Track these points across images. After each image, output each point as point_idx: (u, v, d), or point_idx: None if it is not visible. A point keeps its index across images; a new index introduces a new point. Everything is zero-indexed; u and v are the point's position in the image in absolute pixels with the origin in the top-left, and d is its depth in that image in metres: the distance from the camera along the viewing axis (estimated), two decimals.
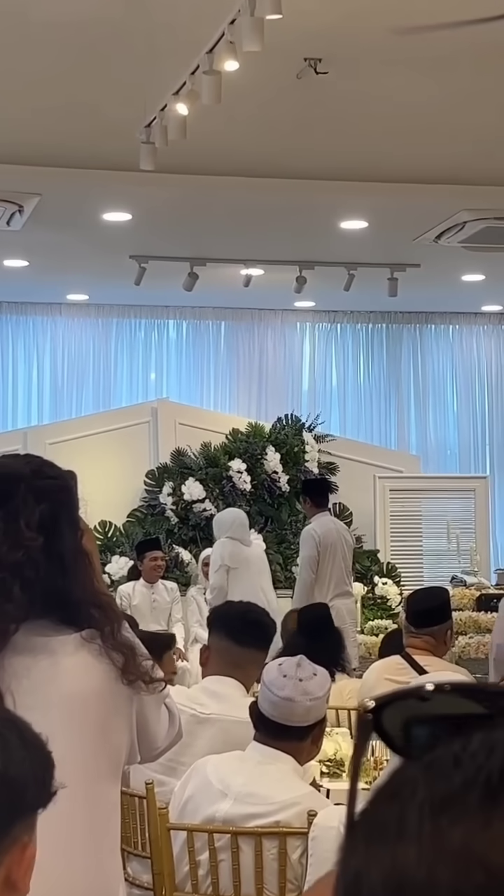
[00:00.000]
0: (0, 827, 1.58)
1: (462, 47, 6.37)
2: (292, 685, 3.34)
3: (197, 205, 8.97)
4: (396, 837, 0.61)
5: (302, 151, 8.00)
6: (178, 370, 13.40)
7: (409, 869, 0.59)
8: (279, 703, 3.34)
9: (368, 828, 0.63)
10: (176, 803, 3.52)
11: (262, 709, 3.38)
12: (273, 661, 3.52)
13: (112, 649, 2.38)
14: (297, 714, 3.34)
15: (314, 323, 13.61)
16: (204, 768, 3.46)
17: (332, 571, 9.48)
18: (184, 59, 6.14)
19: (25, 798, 1.60)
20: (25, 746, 1.62)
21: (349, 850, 0.63)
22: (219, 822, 3.37)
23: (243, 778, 3.36)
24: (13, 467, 2.45)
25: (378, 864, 0.61)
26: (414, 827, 0.60)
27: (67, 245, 10.06)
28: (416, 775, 0.63)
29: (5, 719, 1.66)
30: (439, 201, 8.77)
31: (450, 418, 13.92)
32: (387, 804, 0.63)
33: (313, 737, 3.42)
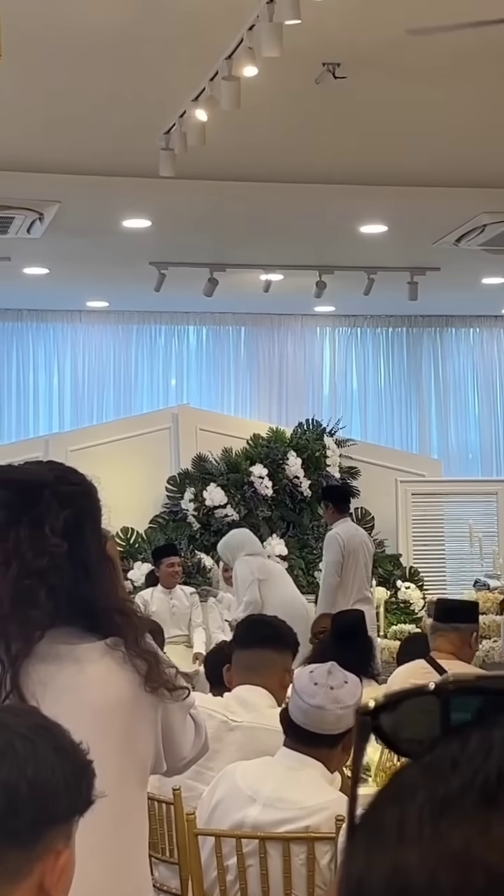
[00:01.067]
0: (30, 834, 1.58)
1: (480, 50, 6.36)
2: (323, 693, 3.33)
3: (216, 210, 8.98)
4: (397, 841, 0.61)
5: (321, 156, 8.00)
6: (199, 376, 13.41)
7: (411, 873, 0.59)
8: (309, 710, 3.33)
9: (369, 832, 0.63)
10: (204, 809, 3.52)
11: (293, 716, 3.37)
12: (304, 668, 3.51)
13: (136, 656, 2.38)
14: (327, 722, 3.33)
15: (334, 327, 13.60)
16: (233, 774, 3.46)
17: (355, 577, 9.49)
18: (203, 65, 6.15)
19: (56, 805, 1.60)
20: (57, 753, 1.62)
21: (351, 855, 0.64)
22: (248, 827, 3.36)
23: (272, 783, 3.36)
24: (37, 474, 2.45)
25: (379, 868, 0.61)
26: (414, 830, 0.60)
27: (87, 252, 10.09)
28: (416, 778, 0.63)
29: (38, 726, 1.66)
30: (459, 204, 8.75)
31: (471, 421, 13.89)
32: (387, 807, 0.63)
33: (343, 744, 3.40)
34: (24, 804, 1.58)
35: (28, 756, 1.60)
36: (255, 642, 4.23)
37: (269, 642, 4.24)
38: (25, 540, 2.35)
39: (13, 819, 1.58)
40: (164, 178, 7.17)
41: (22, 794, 1.58)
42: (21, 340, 12.94)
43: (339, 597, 9.34)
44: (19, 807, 1.58)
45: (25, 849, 1.58)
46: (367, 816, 0.65)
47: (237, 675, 4.22)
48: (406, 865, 0.60)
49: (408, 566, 11.64)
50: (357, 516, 11.80)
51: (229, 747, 3.86)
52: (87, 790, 1.65)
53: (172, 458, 11.68)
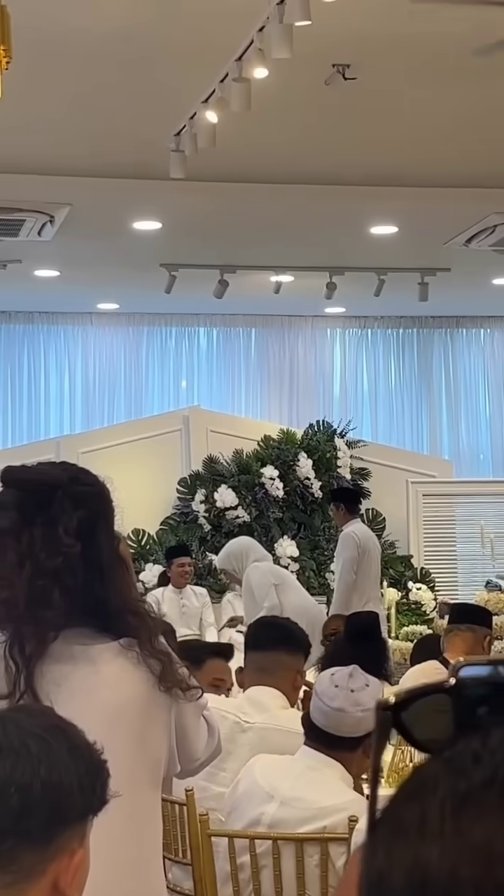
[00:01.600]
0: (44, 834, 1.59)
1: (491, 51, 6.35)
2: (343, 696, 3.33)
3: (227, 212, 8.99)
4: (418, 836, 0.61)
5: (331, 157, 8.00)
6: (209, 378, 13.41)
7: (432, 868, 0.59)
8: (330, 713, 3.33)
9: (390, 827, 0.63)
10: (228, 803, 3.52)
11: (314, 718, 3.37)
12: (326, 671, 3.50)
13: (149, 657, 2.38)
14: (347, 725, 3.33)
15: (345, 329, 13.60)
16: (253, 769, 3.46)
17: (369, 577, 9.49)
18: (213, 66, 6.15)
19: (70, 805, 1.61)
20: (71, 753, 1.63)
21: (372, 850, 0.64)
22: (264, 824, 3.36)
23: (291, 782, 3.36)
24: (51, 474, 2.45)
25: (400, 863, 0.61)
26: (435, 825, 0.60)
27: (98, 254, 10.10)
28: (437, 773, 0.63)
29: (52, 726, 1.66)
30: (469, 205, 8.75)
31: (482, 422, 13.87)
32: (408, 802, 0.63)
33: (364, 747, 3.39)
34: (38, 804, 1.58)
35: (42, 756, 1.60)
36: (268, 644, 4.23)
37: (282, 644, 4.24)
38: (39, 540, 2.35)
39: (27, 819, 1.58)
40: (174, 179, 7.18)
41: (36, 794, 1.58)
42: (32, 343, 12.96)
43: (353, 597, 9.35)
44: (33, 807, 1.59)
45: (40, 849, 1.58)
46: (388, 811, 0.65)
47: (249, 676, 4.22)
48: (427, 860, 0.60)
49: (419, 567, 11.62)
50: (368, 517, 11.79)
51: (242, 748, 3.86)
52: (101, 790, 1.65)
53: (183, 460, 11.68)
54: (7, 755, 1.60)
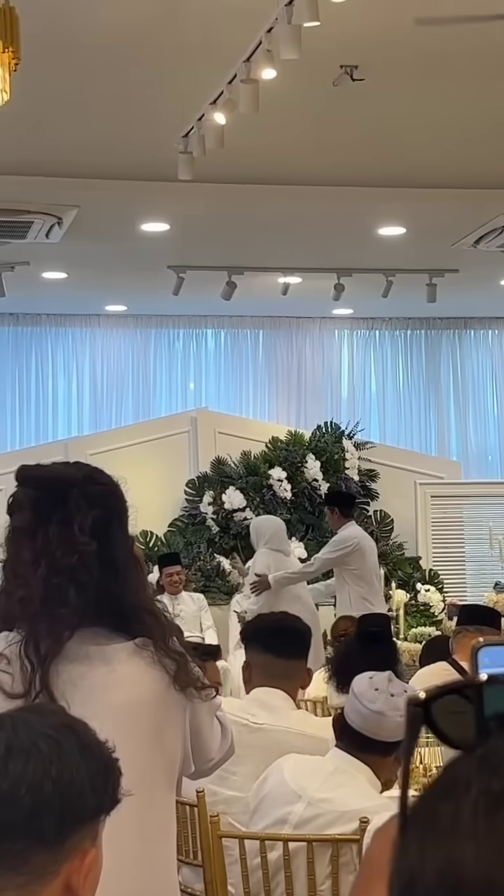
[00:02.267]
0: (56, 834, 1.58)
1: (499, 51, 6.35)
2: (384, 699, 3.32)
3: (234, 214, 8.99)
4: (451, 836, 0.60)
5: (339, 158, 8.00)
6: (217, 379, 13.41)
7: (465, 868, 0.59)
8: (369, 715, 3.31)
9: (422, 825, 0.62)
10: (254, 801, 3.51)
11: (350, 719, 3.36)
12: (363, 674, 3.46)
13: (165, 656, 2.38)
14: (385, 729, 3.31)
15: (352, 330, 13.59)
16: (281, 768, 3.45)
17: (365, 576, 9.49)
18: (221, 68, 6.15)
19: (82, 805, 1.60)
20: (82, 752, 1.62)
21: (403, 849, 0.63)
22: (290, 824, 3.35)
23: (319, 782, 3.35)
24: (66, 473, 2.45)
25: (433, 863, 0.60)
26: (468, 825, 0.60)
27: (106, 256, 10.10)
28: (470, 771, 0.62)
29: (63, 725, 1.65)
30: (477, 206, 8.74)
31: (490, 423, 13.85)
32: (440, 801, 0.62)
33: (397, 753, 3.38)
34: (50, 804, 1.58)
35: (53, 756, 1.59)
36: (292, 653, 4.22)
37: (302, 652, 4.24)
38: (54, 539, 2.35)
39: (39, 819, 1.58)
40: (182, 181, 7.17)
41: (47, 794, 1.58)
42: (40, 345, 12.96)
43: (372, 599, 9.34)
44: (45, 807, 1.58)
45: (52, 849, 1.58)
46: (420, 809, 0.64)
47: (260, 677, 4.19)
48: (460, 860, 0.59)
49: (427, 569, 11.61)
50: (376, 519, 11.79)
51: (252, 750, 3.84)
52: (112, 789, 1.64)
53: (191, 462, 11.68)
54: (18, 755, 1.59)
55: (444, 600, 11.05)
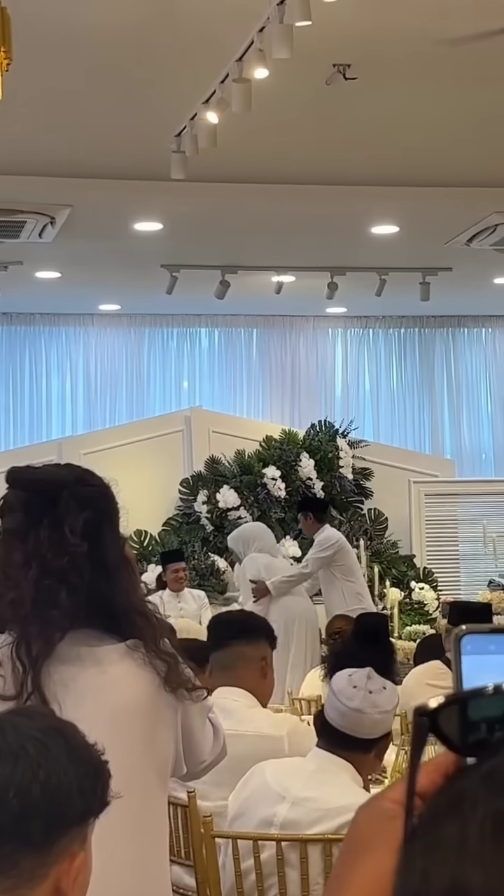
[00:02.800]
0: (44, 838, 1.58)
1: (491, 50, 6.35)
2: (362, 696, 3.32)
3: (228, 213, 8.98)
4: (457, 859, 0.59)
5: (332, 157, 8.00)
6: (211, 378, 13.40)
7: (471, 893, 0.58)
8: (348, 713, 3.32)
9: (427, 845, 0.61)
10: (234, 806, 3.51)
11: (329, 717, 3.36)
12: (342, 672, 3.47)
13: (155, 657, 2.38)
14: (364, 726, 3.32)
15: (346, 329, 13.59)
16: (263, 772, 3.45)
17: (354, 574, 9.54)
18: (213, 67, 6.15)
19: (70, 808, 1.60)
20: (69, 755, 1.62)
21: (407, 868, 0.62)
22: (276, 825, 3.35)
23: (302, 782, 3.35)
24: (56, 475, 2.46)
25: (437, 884, 0.59)
26: (475, 848, 0.59)
27: (99, 256, 10.10)
28: (476, 788, 0.61)
29: (51, 728, 1.65)
30: (470, 204, 8.74)
31: (484, 422, 13.86)
32: (446, 819, 0.61)
33: (378, 750, 3.39)
34: (38, 808, 1.57)
35: (40, 759, 1.59)
36: (225, 640, 4.16)
37: (239, 637, 4.14)
38: (45, 541, 2.35)
39: (27, 823, 1.58)
40: (175, 180, 7.17)
41: (35, 798, 1.57)
42: (34, 344, 12.95)
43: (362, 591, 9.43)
44: (33, 810, 1.58)
45: (40, 853, 1.58)
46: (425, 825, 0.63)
47: (215, 676, 4.14)
48: (466, 884, 0.58)
49: (421, 567, 11.62)
50: (370, 517, 11.79)
51: None
52: (101, 792, 1.64)
53: (185, 461, 11.67)
54: (5, 759, 1.59)
55: (438, 598, 11.06)
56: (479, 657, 0.76)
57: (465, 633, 0.76)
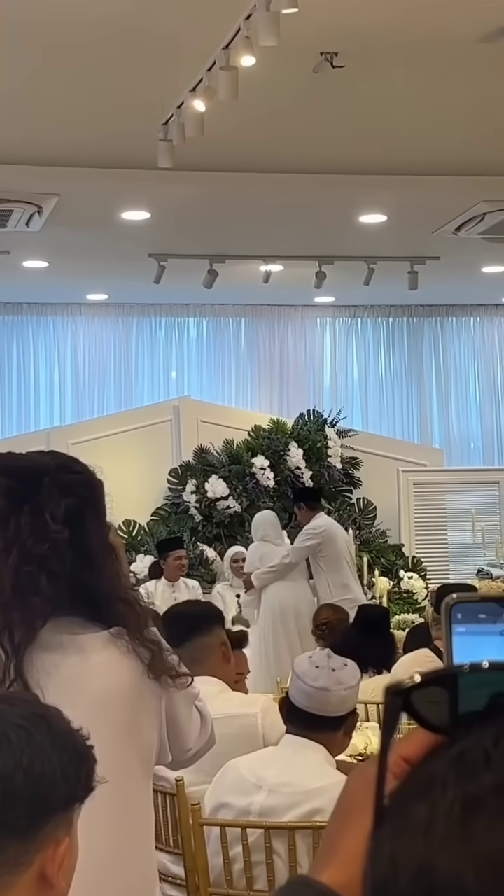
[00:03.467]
0: (28, 825, 1.57)
1: (478, 39, 6.34)
2: (326, 675, 3.36)
3: (215, 202, 8.96)
4: (425, 839, 0.59)
5: (319, 145, 7.98)
6: (199, 368, 13.39)
7: (438, 876, 0.58)
8: (314, 693, 3.35)
9: (396, 826, 0.61)
10: (211, 802, 3.52)
11: (295, 700, 3.39)
12: (303, 654, 3.54)
13: (139, 645, 2.37)
14: (331, 704, 3.36)
15: (334, 318, 13.58)
16: (236, 766, 3.48)
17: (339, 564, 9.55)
18: (200, 55, 6.13)
19: (54, 795, 1.59)
20: (53, 742, 1.61)
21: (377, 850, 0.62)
22: (254, 814, 3.38)
23: (276, 769, 3.38)
24: (38, 461, 2.45)
25: (406, 867, 0.59)
26: (442, 830, 0.59)
27: (86, 245, 10.07)
28: (446, 770, 0.61)
29: (34, 715, 1.65)
30: (458, 193, 8.73)
31: (472, 411, 13.87)
32: (415, 801, 0.61)
33: (346, 727, 3.44)
34: (21, 795, 1.57)
35: (23, 746, 1.59)
36: (180, 638, 4.17)
37: (191, 632, 4.14)
38: (26, 527, 2.35)
39: (10, 810, 1.57)
40: (162, 169, 7.15)
41: (18, 785, 1.57)
42: (21, 334, 12.92)
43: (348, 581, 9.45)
44: (16, 798, 1.57)
45: (24, 839, 1.57)
46: (395, 808, 0.63)
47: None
48: (433, 866, 0.58)
49: (410, 556, 11.63)
50: (358, 506, 11.80)
51: None
52: (86, 778, 1.63)
53: (174, 451, 11.67)
54: None
55: (427, 587, 11.07)
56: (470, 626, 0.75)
57: (456, 602, 0.76)
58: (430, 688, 0.67)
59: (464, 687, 0.66)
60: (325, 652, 3.49)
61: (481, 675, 0.66)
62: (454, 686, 0.66)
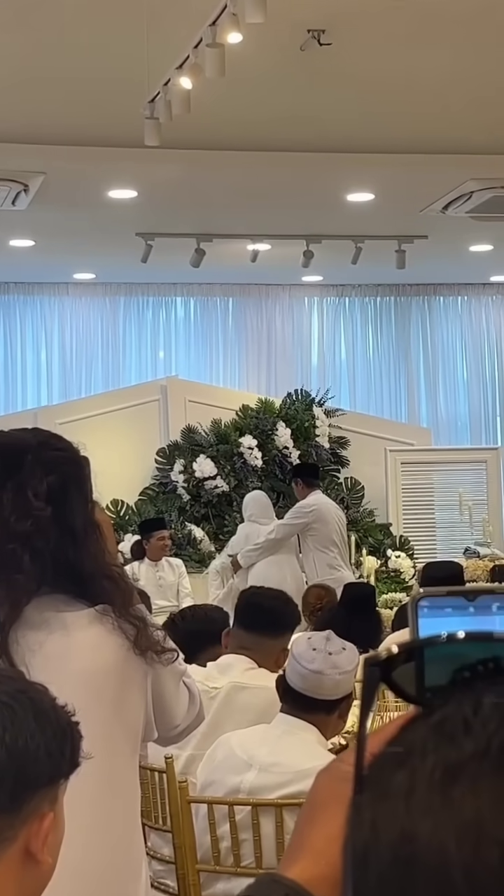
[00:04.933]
0: (11, 800, 1.58)
1: (466, 17, 6.32)
2: (322, 658, 3.35)
3: (202, 180, 8.93)
4: (406, 809, 0.59)
5: (307, 124, 7.96)
6: (187, 347, 13.37)
7: (419, 843, 0.58)
8: (308, 675, 3.35)
9: (376, 795, 0.61)
10: (202, 776, 3.53)
11: (291, 681, 3.39)
12: (302, 635, 3.53)
13: (124, 622, 2.37)
14: (325, 687, 3.35)
15: (322, 297, 13.57)
16: (228, 742, 3.48)
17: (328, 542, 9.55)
18: (186, 32, 6.10)
19: (38, 771, 1.60)
20: (37, 717, 1.61)
21: (357, 819, 0.61)
22: (244, 792, 3.38)
23: (268, 748, 3.38)
24: (20, 438, 2.44)
25: (387, 836, 0.59)
26: (423, 798, 0.59)
27: (73, 224, 10.04)
28: (426, 738, 0.61)
29: (18, 691, 1.65)
30: (446, 171, 8.71)
31: (460, 390, 13.89)
32: (395, 769, 0.61)
33: (340, 711, 3.43)
34: (4, 771, 1.57)
35: (6, 722, 1.59)
36: (252, 627, 4.24)
37: (266, 629, 4.24)
38: (8, 504, 2.34)
39: None
40: (149, 147, 7.12)
41: (1, 762, 1.57)
42: (8, 313, 12.88)
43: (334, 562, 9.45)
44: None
45: (7, 815, 1.58)
46: (374, 777, 0.62)
47: (232, 646, 4.24)
48: (414, 834, 0.58)
49: (398, 535, 11.66)
50: (346, 486, 11.81)
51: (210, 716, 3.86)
52: (71, 753, 1.64)
53: (161, 430, 11.66)
54: None
55: (414, 566, 11.10)
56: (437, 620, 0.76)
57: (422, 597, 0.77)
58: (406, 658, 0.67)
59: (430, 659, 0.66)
60: (324, 634, 3.46)
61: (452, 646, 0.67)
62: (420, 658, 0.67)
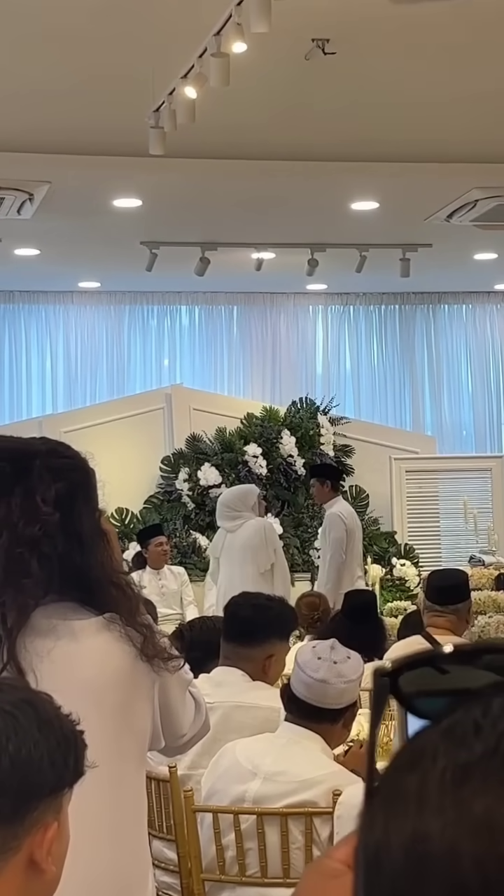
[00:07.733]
0: (14, 811, 1.57)
1: (470, 25, 6.33)
2: (326, 667, 3.34)
3: (207, 189, 8.95)
4: (417, 809, 0.59)
5: (311, 133, 7.97)
6: (192, 356, 13.38)
7: (431, 843, 0.58)
8: (313, 684, 3.34)
9: (388, 799, 0.61)
10: (206, 785, 3.53)
11: (295, 690, 3.39)
12: (307, 643, 3.52)
13: (131, 630, 2.37)
14: (330, 696, 3.34)
15: (327, 305, 13.57)
16: (233, 751, 3.47)
17: (356, 555, 9.53)
18: (191, 41, 6.11)
19: (41, 780, 1.59)
20: (41, 727, 1.61)
21: (369, 823, 0.62)
22: (248, 801, 3.37)
23: (272, 757, 3.37)
24: (30, 444, 2.45)
25: (399, 837, 0.59)
26: (435, 798, 0.59)
27: (78, 232, 10.05)
28: (436, 743, 0.61)
29: (22, 700, 1.65)
30: (450, 180, 8.72)
31: (464, 398, 13.88)
32: (406, 773, 0.61)
33: (345, 720, 3.42)
34: (7, 781, 1.57)
35: (10, 732, 1.59)
36: (235, 639, 4.18)
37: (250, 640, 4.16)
38: (17, 509, 2.34)
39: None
40: (154, 156, 7.13)
41: (4, 771, 1.57)
42: (13, 322, 12.90)
43: (344, 575, 9.39)
44: (2, 784, 1.57)
45: (11, 825, 1.57)
46: (386, 781, 0.63)
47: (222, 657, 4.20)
48: (426, 834, 0.58)
49: (403, 543, 11.65)
50: (351, 494, 11.81)
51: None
52: (75, 763, 1.63)
53: (166, 439, 11.66)
54: None
55: (419, 574, 11.09)
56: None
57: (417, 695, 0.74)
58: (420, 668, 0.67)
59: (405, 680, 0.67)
60: (328, 643, 3.45)
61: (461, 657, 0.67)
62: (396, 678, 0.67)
